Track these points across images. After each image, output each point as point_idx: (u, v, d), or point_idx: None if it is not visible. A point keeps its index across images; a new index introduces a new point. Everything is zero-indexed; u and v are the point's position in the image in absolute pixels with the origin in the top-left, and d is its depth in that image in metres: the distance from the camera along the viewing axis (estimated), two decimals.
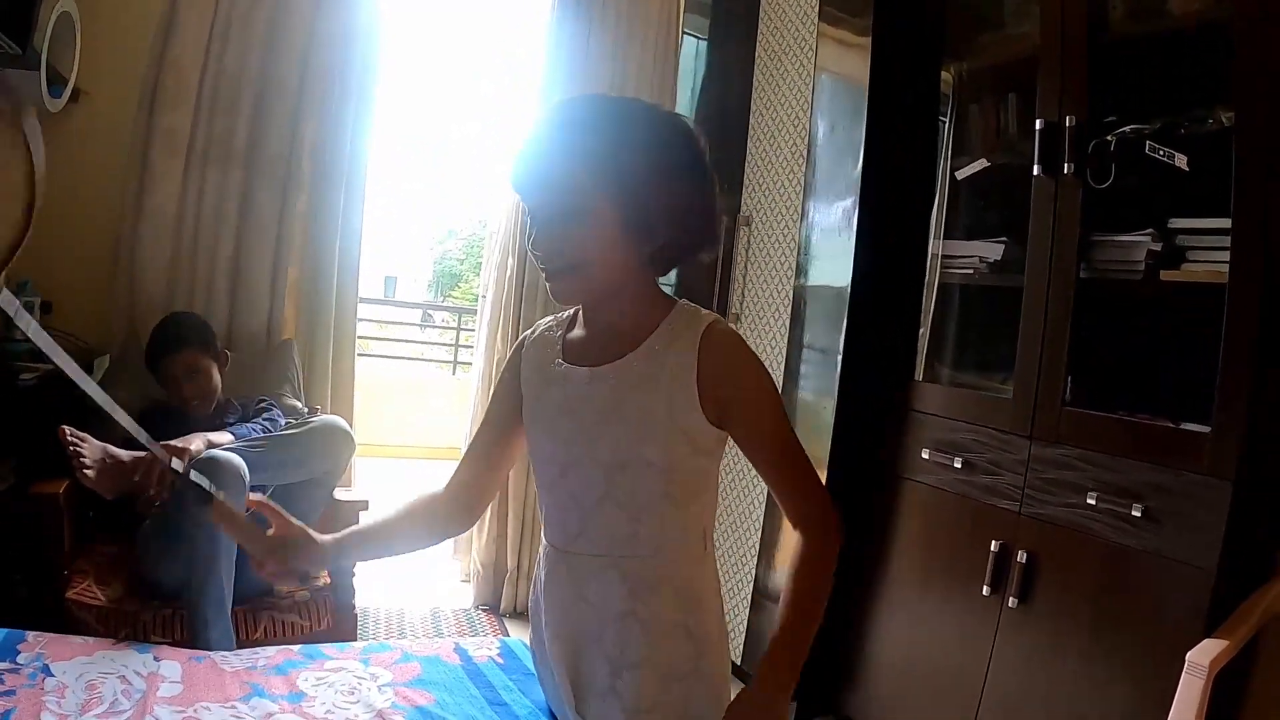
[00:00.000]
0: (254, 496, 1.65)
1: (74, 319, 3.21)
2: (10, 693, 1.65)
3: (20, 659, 1.78)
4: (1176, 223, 2.27)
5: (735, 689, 1.43)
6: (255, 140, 3.30)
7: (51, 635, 1.93)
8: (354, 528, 1.70)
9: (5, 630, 1.89)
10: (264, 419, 2.72)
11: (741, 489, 3.46)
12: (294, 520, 1.60)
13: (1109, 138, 2.35)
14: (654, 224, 1.38)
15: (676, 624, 1.46)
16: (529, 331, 1.65)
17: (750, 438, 1.44)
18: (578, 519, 1.48)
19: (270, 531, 1.60)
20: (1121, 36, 2.45)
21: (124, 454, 2.38)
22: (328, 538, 1.61)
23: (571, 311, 1.59)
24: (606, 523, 1.45)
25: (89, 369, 3.14)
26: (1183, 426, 2.16)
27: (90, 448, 2.33)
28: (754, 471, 1.50)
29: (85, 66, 3.17)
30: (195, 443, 2.39)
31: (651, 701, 1.44)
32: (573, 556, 1.50)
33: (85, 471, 2.29)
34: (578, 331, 1.55)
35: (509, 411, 1.61)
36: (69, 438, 2.29)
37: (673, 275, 3.47)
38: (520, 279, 3.81)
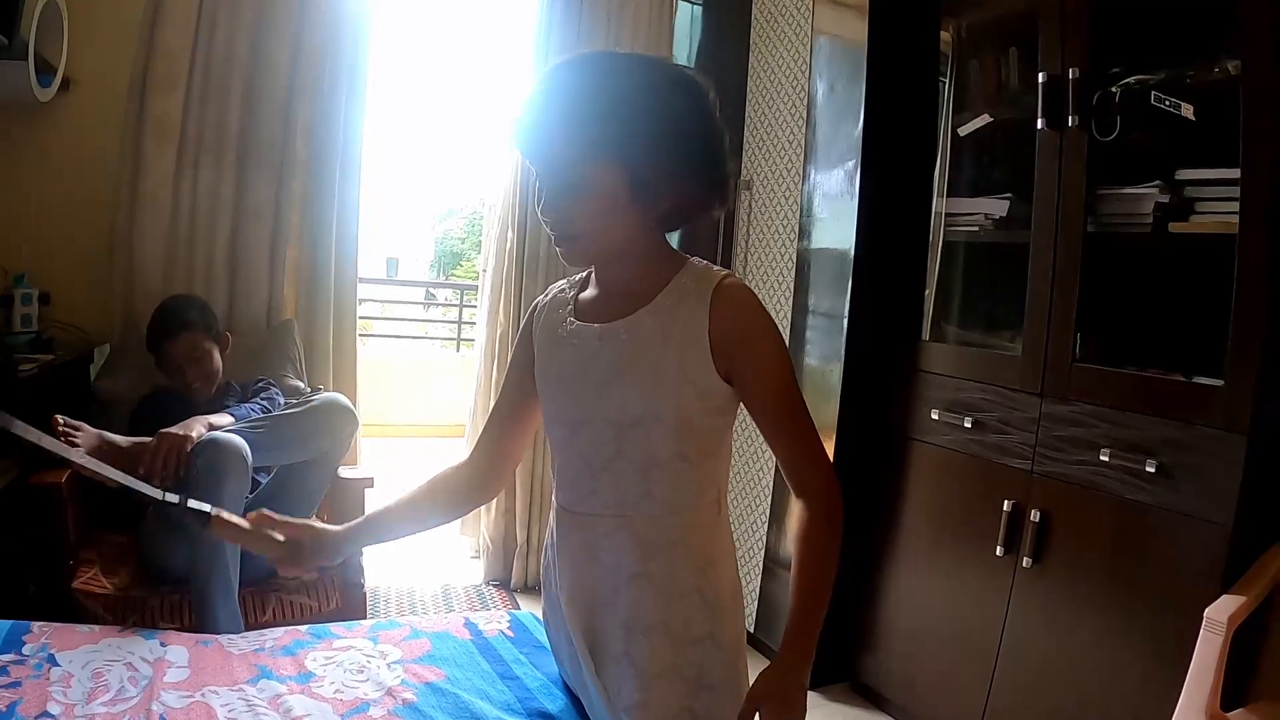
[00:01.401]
0: (252, 515, 1.63)
1: (72, 309, 3.19)
2: (16, 684, 1.63)
3: (25, 650, 1.77)
4: (1184, 174, 2.24)
5: (750, 657, 1.41)
6: (248, 123, 3.27)
7: (57, 625, 1.91)
8: (370, 512, 1.69)
9: (10, 622, 1.88)
10: (262, 399, 2.70)
11: (751, 455, 3.45)
12: (295, 520, 1.59)
13: (1113, 89, 2.31)
14: (661, 185, 1.35)
15: (690, 587, 1.44)
16: (542, 295, 1.63)
17: (756, 396, 1.41)
18: (589, 478, 1.46)
19: (279, 537, 1.60)
20: None
21: (123, 440, 2.35)
22: (340, 528, 1.60)
23: (585, 272, 1.57)
24: (618, 482, 1.43)
25: (89, 358, 3.13)
26: (1195, 380, 2.13)
27: (85, 436, 2.30)
28: (763, 437, 1.48)
29: (74, 55, 3.14)
30: (196, 428, 2.36)
31: (665, 665, 1.42)
32: (584, 517, 1.48)
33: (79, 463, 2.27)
34: (590, 291, 1.53)
35: (525, 375, 1.60)
36: (62, 427, 2.27)
37: (675, 242, 3.46)
38: (520, 252, 3.78)
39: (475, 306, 4.36)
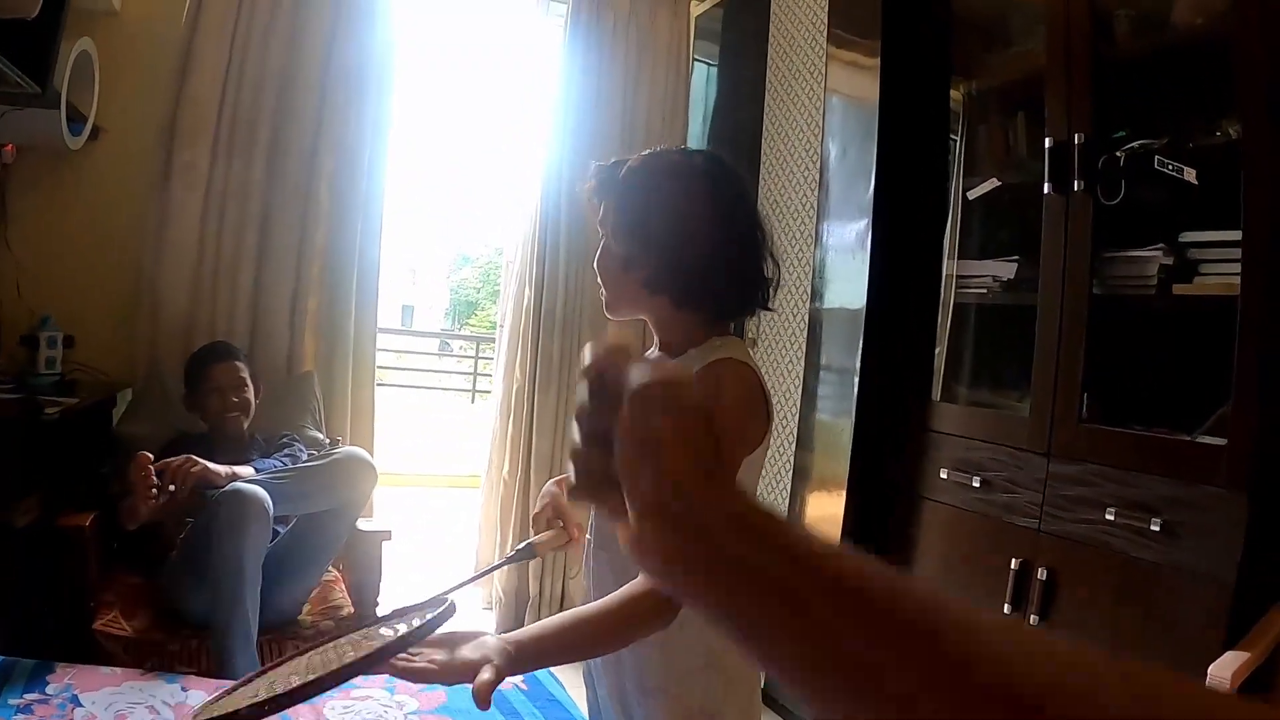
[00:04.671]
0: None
1: (96, 353, 3.24)
2: None
3: (49, 689, 1.80)
4: (1187, 236, 2.27)
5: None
6: (273, 174, 3.34)
7: (80, 666, 1.95)
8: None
9: (34, 661, 1.91)
10: (285, 454, 2.75)
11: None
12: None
13: (1118, 154, 2.36)
14: (636, 258, 1.47)
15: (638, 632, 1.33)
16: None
17: None
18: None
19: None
20: (1127, 52, 2.46)
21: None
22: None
23: None
24: (604, 519, 1.52)
25: (112, 403, 3.18)
26: (1199, 440, 2.16)
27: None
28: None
29: (104, 104, 3.22)
30: (225, 469, 2.44)
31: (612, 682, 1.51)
32: (591, 547, 1.57)
33: (151, 503, 2.33)
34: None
35: None
36: (150, 465, 2.36)
37: None
38: (537, 309, 3.83)
39: (491, 358, 4.40)
